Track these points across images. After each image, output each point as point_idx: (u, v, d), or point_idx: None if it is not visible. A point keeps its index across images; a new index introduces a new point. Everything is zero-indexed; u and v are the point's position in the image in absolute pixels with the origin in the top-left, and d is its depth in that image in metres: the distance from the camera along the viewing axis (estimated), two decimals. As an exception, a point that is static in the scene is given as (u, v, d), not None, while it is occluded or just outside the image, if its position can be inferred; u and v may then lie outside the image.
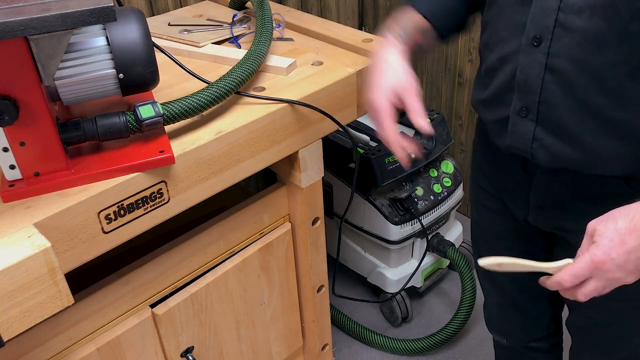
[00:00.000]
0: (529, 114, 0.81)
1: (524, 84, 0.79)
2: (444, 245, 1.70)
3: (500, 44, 0.83)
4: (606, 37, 0.70)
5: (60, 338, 0.92)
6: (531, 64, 0.77)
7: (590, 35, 0.71)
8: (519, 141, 0.84)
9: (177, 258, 1.04)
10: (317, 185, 1.16)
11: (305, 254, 1.24)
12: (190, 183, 0.89)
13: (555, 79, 0.76)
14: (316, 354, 1.42)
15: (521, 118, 0.82)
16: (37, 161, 0.77)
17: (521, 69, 0.79)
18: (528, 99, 0.80)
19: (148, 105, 0.82)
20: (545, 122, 0.80)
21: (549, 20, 0.74)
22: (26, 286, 0.68)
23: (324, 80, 1.06)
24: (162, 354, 1.07)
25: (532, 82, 0.78)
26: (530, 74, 0.78)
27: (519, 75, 0.79)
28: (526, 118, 0.81)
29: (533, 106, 0.80)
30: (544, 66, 0.76)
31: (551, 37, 0.74)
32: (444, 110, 2.05)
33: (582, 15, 0.71)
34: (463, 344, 1.73)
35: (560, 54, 0.74)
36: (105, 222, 0.81)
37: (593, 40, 0.71)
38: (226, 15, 1.34)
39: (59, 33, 0.67)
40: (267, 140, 0.98)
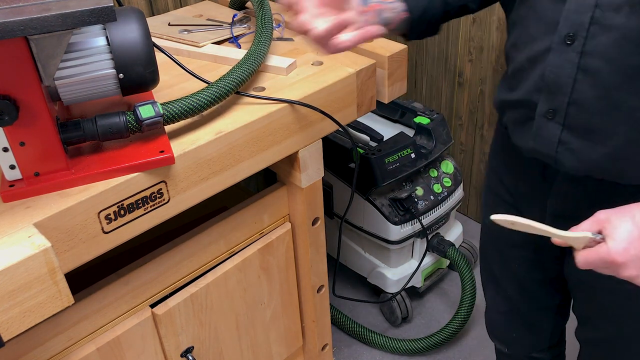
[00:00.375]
0: (555, 116, 0.78)
1: (554, 84, 0.76)
2: (444, 245, 1.70)
3: (530, 44, 0.80)
4: None
5: (60, 338, 0.92)
6: (562, 64, 0.74)
7: (629, 33, 0.68)
8: (543, 145, 0.81)
9: (177, 258, 1.04)
10: (317, 185, 1.16)
11: (305, 254, 1.24)
12: (190, 183, 0.89)
13: (587, 79, 0.73)
14: (316, 354, 1.42)
15: (547, 120, 0.79)
16: (37, 161, 0.77)
17: (551, 69, 0.76)
18: (556, 100, 0.77)
19: (148, 105, 0.82)
20: (573, 125, 0.77)
21: (585, 17, 0.71)
22: (26, 286, 0.68)
23: (324, 80, 1.06)
24: (162, 354, 1.07)
25: (562, 82, 0.75)
26: (560, 73, 0.75)
27: (549, 75, 0.76)
28: (552, 120, 0.79)
29: (561, 108, 0.77)
30: (577, 66, 0.73)
31: (586, 35, 0.71)
32: (444, 110, 2.06)
33: (621, 12, 0.68)
34: (463, 344, 1.73)
35: (595, 53, 0.71)
36: (105, 222, 0.81)
37: (631, 38, 0.68)
38: (226, 15, 1.34)
39: (59, 33, 0.67)
40: (267, 140, 0.98)
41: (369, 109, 1.17)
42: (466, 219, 2.17)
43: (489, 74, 1.84)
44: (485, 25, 1.77)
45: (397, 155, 1.55)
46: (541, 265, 1.03)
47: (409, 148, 1.57)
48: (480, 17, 1.77)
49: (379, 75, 1.15)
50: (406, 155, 1.57)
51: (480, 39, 1.81)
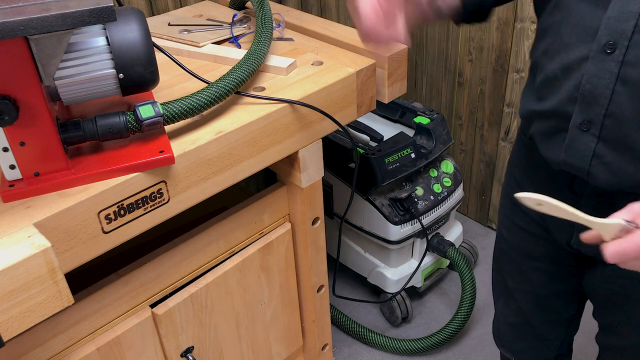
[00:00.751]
0: (591, 128, 0.74)
1: (590, 94, 0.72)
2: (444, 245, 1.70)
3: (564, 51, 0.75)
4: None
5: (60, 338, 0.92)
6: (600, 73, 0.71)
7: None
8: (575, 157, 0.77)
9: (177, 258, 1.04)
10: (317, 185, 1.16)
11: (305, 254, 1.24)
12: (190, 183, 0.89)
13: (627, 90, 0.69)
14: (316, 354, 1.42)
15: (581, 132, 0.75)
16: (37, 161, 0.77)
17: (588, 79, 0.72)
18: (592, 111, 0.73)
19: (148, 105, 0.82)
20: (609, 138, 0.74)
21: (628, 25, 0.67)
22: (26, 286, 0.68)
23: (324, 80, 1.06)
24: (162, 354, 1.07)
25: (599, 93, 0.71)
26: (598, 84, 0.71)
27: (585, 85, 0.72)
28: (587, 132, 0.75)
29: (597, 120, 0.73)
30: (616, 76, 0.70)
31: (628, 44, 0.68)
32: (444, 110, 2.06)
33: None
34: (463, 344, 1.73)
35: (637, 63, 0.68)
36: (105, 222, 0.81)
37: None
38: (226, 15, 1.35)
39: (59, 33, 0.67)
40: (267, 140, 0.98)
41: (369, 109, 1.17)
42: (466, 219, 2.17)
43: (489, 74, 1.84)
44: (485, 25, 1.77)
45: (397, 155, 1.55)
46: (560, 277, 1.01)
47: (409, 148, 1.57)
48: (480, 17, 1.77)
49: (379, 75, 1.15)
50: (406, 155, 1.57)
51: (480, 39, 1.81)
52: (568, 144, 0.78)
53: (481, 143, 1.99)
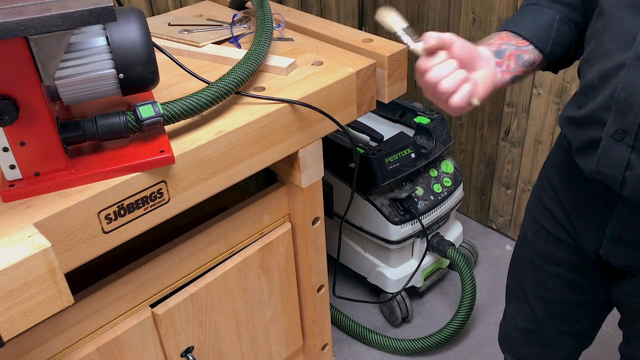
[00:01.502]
0: (625, 137, 0.72)
1: (624, 103, 0.70)
2: (444, 245, 1.70)
3: (603, 59, 0.74)
4: None
5: (60, 338, 0.92)
6: (636, 82, 0.69)
7: None
8: (608, 167, 0.75)
9: (177, 258, 1.04)
10: (317, 185, 1.16)
11: (305, 254, 1.24)
12: (190, 183, 0.89)
13: None
14: (316, 354, 1.42)
15: (615, 141, 0.73)
16: (37, 161, 0.77)
17: (623, 86, 0.70)
18: (626, 120, 0.71)
19: (148, 105, 0.82)
20: None
21: None
22: (26, 286, 0.68)
23: (324, 80, 1.06)
24: (162, 354, 1.07)
25: (633, 101, 0.69)
26: (633, 92, 0.69)
27: (619, 92, 0.71)
28: (621, 142, 0.72)
29: (632, 129, 0.71)
30: None
31: None
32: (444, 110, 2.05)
33: None
34: (463, 344, 1.73)
35: None
36: (105, 222, 0.81)
37: None
38: (226, 15, 1.35)
39: (59, 33, 0.67)
40: (267, 140, 0.98)
41: (369, 109, 1.17)
42: (466, 219, 2.17)
43: (489, 74, 1.84)
44: (485, 25, 1.77)
45: (397, 155, 1.55)
46: (580, 287, 0.99)
47: (409, 148, 1.57)
48: (480, 17, 1.77)
49: (379, 75, 1.15)
50: (406, 155, 1.57)
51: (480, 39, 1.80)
52: (601, 153, 0.76)
53: (481, 143, 1.99)
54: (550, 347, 1.10)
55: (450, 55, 0.80)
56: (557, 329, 1.07)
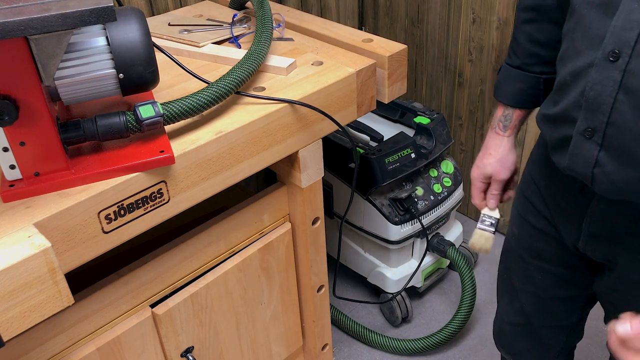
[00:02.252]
0: (594, 135, 0.73)
1: (593, 102, 0.72)
2: (444, 245, 1.70)
3: (574, 58, 0.76)
4: None
5: (60, 338, 0.92)
6: (604, 81, 0.70)
7: None
8: (579, 164, 0.77)
9: (177, 258, 1.04)
10: (317, 185, 1.16)
11: (305, 254, 1.24)
12: (190, 183, 0.89)
13: (629, 99, 0.69)
14: (316, 354, 1.42)
15: (585, 139, 0.75)
16: (37, 161, 0.77)
17: (592, 86, 0.72)
18: (595, 119, 0.73)
19: (148, 105, 0.82)
20: (610, 147, 0.73)
21: (631, 34, 0.67)
22: (26, 286, 0.68)
23: (324, 80, 1.06)
24: (162, 354, 1.07)
25: (602, 100, 0.71)
26: (601, 91, 0.71)
27: (589, 91, 0.72)
28: (590, 140, 0.74)
29: (600, 127, 0.72)
30: (618, 84, 0.69)
31: (631, 53, 0.67)
32: (444, 110, 2.06)
33: None
34: (463, 344, 1.73)
35: (638, 73, 0.67)
36: (105, 222, 0.81)
37: None
38: (226, 15, 1.35)
39: (59, 33, 0.67)
40: (267, 140, 0.98)
41: (369, 109, 1.17)
42: (466, 219, 2.17)
43: (489, 74, 1.84)
44: (485, 25, 1.77)
45: (397, 155, 1.55)
46: (566, 282, 1.00)
47: (409, 148, 1.57)
48: (480, 17, 1.77)
49: (379, 75, 1.15)
50: (406, 155, 1.57)
51: (480, 39, 1.81)
52: (572, 150, 0.77)
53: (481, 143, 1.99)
54: (541, 342, 1.11)
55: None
56: (546, 324, 1.08)
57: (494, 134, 1.04)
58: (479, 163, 1.07)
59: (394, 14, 2.04)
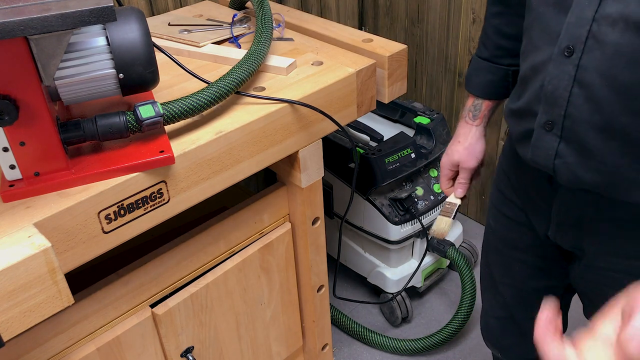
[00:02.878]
0: (553, 128, 0.77)
1: (551, 95, 0.76)
2: (444, 245, 1.70)
3: (534, 53, 0.80)
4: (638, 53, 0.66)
5: (60, 338, 0.92)
6: (560, 76, 0.74)
7: (622, 49, 0.67)
8: (540, 156, 0.80)
9: (177, 258, 1.04)
10: (317, 185, 1.16)
11: (305, 254, 1.24)
12: (190, 183, 0.89)
13: (582, 93, 0.72)
14: (316, 354, 1.42)
15: (545, 132, 0.78)
16: (37, 161, 0.77)
17: (549, 80, 0.75)
18: (554, 112, 0.76)
19: (148, 105, 0.82)
20: (569, 139, 0.76)
21: (583, 30, 0.70)
22: (26, 286, 0.68)
23: (324, 80, 1.06)
24: (162, 354, 1.07)
25: (559, 94, 0.74)
26: (558, 85, 0.74)
27: (547, 86, 0.76)
28: (550, 132, 0.77)
29: (558, 120, 0.76)
30: (573, 79, 0.72)
31: (583, 48, 0.71)
32: (444, 110, 2.06)
33: (616, 28, 0.67)
34: (463, 344, 1.73)
35: (590, 67, 0.71)
36: (105, 222, 0.81)
37: (624, 55, 0.67)
38: (226, 15, 1.35)
39: (59, 33, 0.67)
40: (267, 140, 0.98)
41: (369, 109, 1.17)
42: (466, 219, 2.17)
43: (489, 74, 1.84)
44: (485, 25, 1.77)
45: (397, 155, 1.55)
46: (543, 272, 1.02)
47: (409, 148, 1.57)
48: (480, 17, 1.77)
49: (379, 75, 1.15)
50: (406, 155, 1.57)
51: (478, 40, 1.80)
52: (534, 142, 0.80)
53: (481, 143, 1.99)
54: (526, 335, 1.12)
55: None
56: (528, 316, 1.08)
57: (463, 123, 1.05)
58: (447, 151, 1.07)
59: (394, 14, 2.04)
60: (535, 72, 0.79)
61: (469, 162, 1.04)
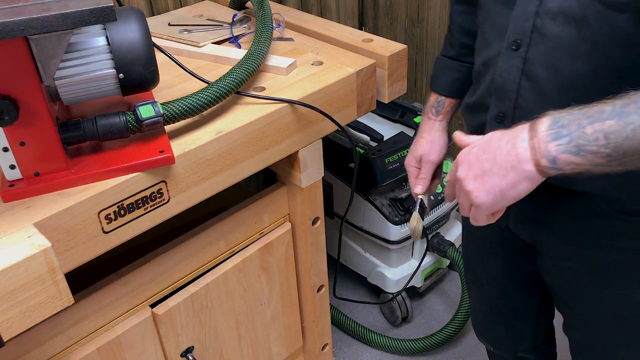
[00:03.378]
0: (505, 120, 0.79)
1: (501, 89, 0.78)
2: (444, 245, 1.70)
3: (485, 48, 0.82)
4: (577, 45, 0.69)
5: (60, 338, 0.92)
6: (509, 69, 0.77)
7: (563, 42, 0.70)
8: None
9: (177, 258, 1.04)
10: (317, 185, 1.16)
11: (305, 254, 1.24)
12: (190, 183, 0.89)
13: (530, 85, 0.75)
14: (316, 354, 1.42)
15: (497, 124, 0.80)
16: (37, 161, 0.77)
17: (499, 74, 0.78)
18: (504, 104, 0.79)
19: (148, 105, 0.82)
20: None
21: (527, 24, 0.73)
22: (26, 286, 0.68)
23: (324, 80, 1.06)
24: (162, 354, 1.07)
25: (508, 87, 0.77)
26: (507, 79, 0.77)
27: (497, 79, 0.79)
28: (502, 124, 0.80)
29: (509, 112, 0.78)
30: (521, 71, 0.75)
31: (529, 42, 0.73)
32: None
33: (557, 22, 0.70)
34: (463, 344, 1.73)
35: (536, 60, 0.73)
36: (105, 222, 0.81)
37: (565, 48, 0.70)
38: (226, 15, 1.35)
39: (59, 33, 0.67)
40: (267, 140, 0.98)
41: (369, 109, 1.17)
42: (466, 219, 2.17)
43: (489, 74, 1.84)
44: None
45: (397, 155, 1.55)
46: (515, 265, 1.03)
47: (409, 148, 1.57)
48: (480, 17, 1.77)
49: (379, 75, 1.15)
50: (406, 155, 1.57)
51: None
52: None
53: (481, 143, 1.99)
54: (513, 327, 1.14)
55: None
56: (511, 308, 1.11)
57: (426, 119, 1.04)
58: (411, 148, 1.07)
59: (394, 14, 2.04)
60: (487, 66, 0.82)
61: (431, 156, 1.04)
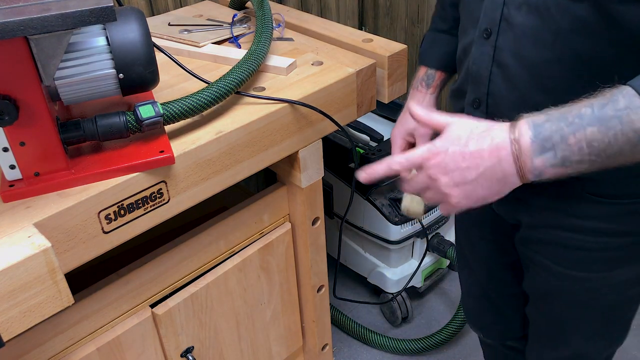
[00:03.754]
0: (480, 105, 0.82)
1: (476, 75, 0.81)
2: (444, 245, 1.70)
3: (463, 36, 0.86)
4: (541, 34, 0.72)
5: (60, 338, 0.92)
6: (482, 57, 0.79)
7: (527, 31, 0.73)
8: None
9: (177, 258, 1.04)
10: (317, 185, 1.16)
11: (305, 254, 1.24)
12: (190, 183, 0.89)
13: (500, 72, 0.78)
14: (316, 354, 1.42)
15: (474, 109, 0.83)
16: (37, 161, 0.77)
17: (474, 60, 0.81)
18: (479, 91, 0.82)
19: (148, 105, 0.82)
20: (493, 115, 0.80)
21: (496, 13, 0.76)
22: (26, 286, 0.68)
23: (324, 80, 1.06)
24: (162, 354, 1.07)
25: (481, 74, 0.80)
26: (480, 65, 0.80)
27: (472, 66, 0.82)
28: (478, 110, 0.83)
29: (483, 98, 0.81)
30: (492, 59, 0.78)
31: (498, 30, 0.76)
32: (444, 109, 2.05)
33: (521, 11, 0.72)
34: (463, 344, 1.73)
35: (505, 48, 0.76)
36: (105, 222, 0.81)
37: (529, 36, 0.73)
38: (226, 15, 1.35)
39: (59, 33, 0.67)
40: (267, 140, 0.98)
41: (369, 109, 1.17)
42: (466, 219, 2.17)
43: (489, 74, 1.84)
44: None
45: (397, 155, 1.55)
46: (503, 248, 1.04)
47: (409, 148, 1.57)
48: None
49: (379, 75, 1.15)
50: (406, 155, 1.57)
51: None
52: None
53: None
54: (503, 314, 1.14)
55: None
56: (500, 293, 1.12)
57: (416, 92, 1.04)
58: (400, 120, 1.04)
59: (394, 14, 2.04)
60: (465, 53, 0.85)
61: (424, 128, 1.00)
